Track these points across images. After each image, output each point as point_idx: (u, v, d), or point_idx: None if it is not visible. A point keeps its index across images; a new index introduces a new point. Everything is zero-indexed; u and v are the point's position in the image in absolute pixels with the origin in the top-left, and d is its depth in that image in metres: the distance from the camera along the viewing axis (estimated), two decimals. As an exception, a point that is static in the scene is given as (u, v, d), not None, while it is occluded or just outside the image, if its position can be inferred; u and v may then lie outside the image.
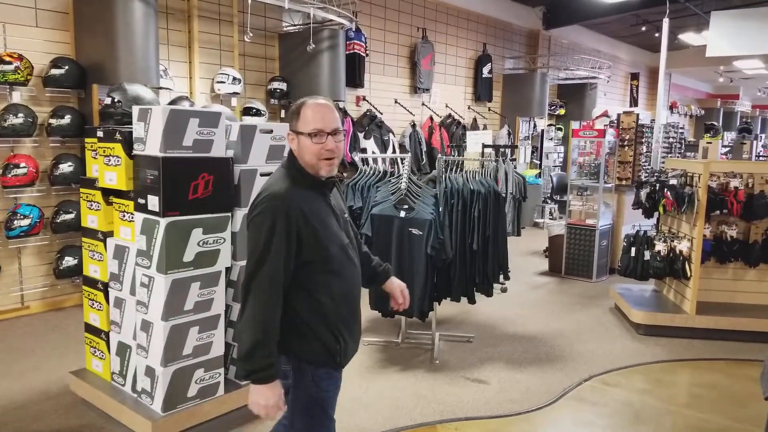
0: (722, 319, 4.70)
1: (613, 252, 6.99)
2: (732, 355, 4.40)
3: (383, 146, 7.83)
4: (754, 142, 9.30)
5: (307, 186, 1.82)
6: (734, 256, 4.94)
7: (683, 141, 8.80)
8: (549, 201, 10.16)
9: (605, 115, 7.59)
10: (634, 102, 15.44)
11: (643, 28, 12.39)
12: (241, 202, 2.90)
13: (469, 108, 9.90)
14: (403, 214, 3.91)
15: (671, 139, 8.43)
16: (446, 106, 9.32)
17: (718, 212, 4.80)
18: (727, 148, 10.59)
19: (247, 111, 6.31)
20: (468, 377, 3.84)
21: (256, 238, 1.72)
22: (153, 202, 2.61)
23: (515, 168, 6.35)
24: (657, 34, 12.48)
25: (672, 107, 16.89)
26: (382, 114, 8.00)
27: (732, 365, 4.23)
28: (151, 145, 2.61)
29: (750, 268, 4.97)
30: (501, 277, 4.24)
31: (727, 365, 4.23)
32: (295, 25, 6.84)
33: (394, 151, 7.95)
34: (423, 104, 8.93)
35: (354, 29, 7.44)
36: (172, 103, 5.50)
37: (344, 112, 7.39)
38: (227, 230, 2.81)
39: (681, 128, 8.44)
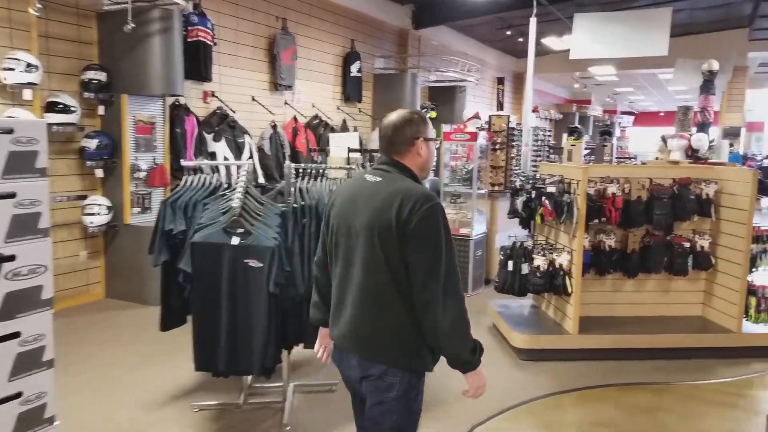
0: (604, 338, 4.33)
1: (488, 261, 6.59)
2: (618, 377, 4.02)
3: (237, 150, 6.80)
4: (614, 144, 9.57)
5: None
6: (613, 267, 4.62)
7: (548, 144, 8.74)
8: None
9: (477, 116, 7.21)
10: (500, 106, 15.69)
11: (508, 33, 12.48)
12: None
13: (338, 108, 9.13)
14: (236, 240, 3.00)
15: (539, 142, 8.29)
16: (312, 105, 8.47)
17: (596, 221, 4.45)
18: (588, 151, 10.86)
19: (52, 106, 5.00)
20: (327, 446, 3.02)
21: (437, 235, 1.77)
22: None
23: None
24: (521, 39, 12.66)
25: (534, 111, 17.48)
26: (235, 112, 6.96)
27: (620, 393, 3.82)
28: None
29: (629, 278, 4.69)
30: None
31: (616, 393, 3.82)
32: (117, 3, 5.60)
33: (251, 156, 6.98)
34: (286, 103, 8.00)
35: (197, 13, 6.35)
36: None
37: (186, 109, 6.26)
38: None
39: (549, 132, 8.34)
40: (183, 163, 3.55)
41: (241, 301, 3.00)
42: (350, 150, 5.32)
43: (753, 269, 4.33)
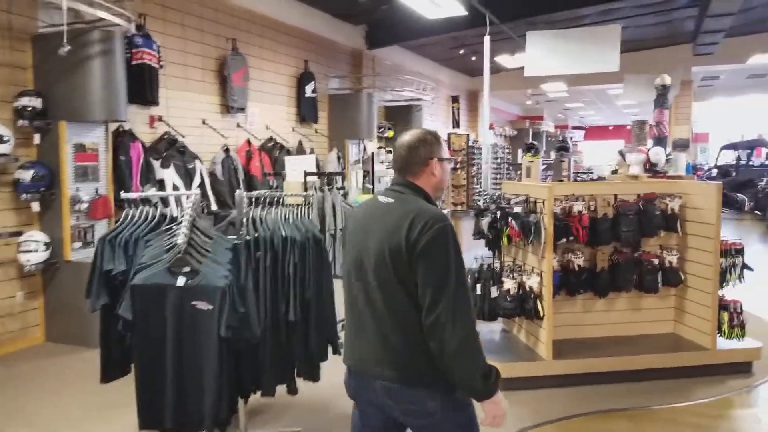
0: (579, 362, 4.18)
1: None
2: (596, 404, 3.86)
3: (188, 176, 6.46)
4: (571, 159, 9.62)
5: None
6: (583, 287, 4.50)
7: (509, 162, 8.72)
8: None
9: (436, 135, 7.10)
10: (456, 124, 15.75)
11: (461, 52, 12.55)
12: None
13: (293, 130, 8.88)
14: (181, 281, 2.69)
15: (499, 160, 8.25)
16: (267, 127, 8.19)
17: (564, 240, 4.33)
18: (545, 166, 10.92)
19: (-20, 136, 4.59)
20: (291, 506, 2.72)
21: (446, 256, 1.74)
22: None
23: (345, 197, 5.47)
24: (474, 58, 12.73)
25: (490, 128, 17.64)
26: (184, 137, 6.62)
27: (600, 421, 3.67)
28: None
29: (599, 298, 4.58)
30: (330, 350, 3.21)
31: (596, 422, 3.66)
32: (53, 25, 5.24)
33: (202, 182, 6.64)
34: (238, 125, 7.71)
35: (142, 35, 6.03)
36: None
37: (131, 135, 5.90)
38: None
39: (507, 149, 8.31)
40: (123, 195, 3.23)
41: (189, 349, 2.69)
42: (307, 173, 5.09)
43: (723, 284, 4.27)
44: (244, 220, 3.09)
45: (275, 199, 3.36)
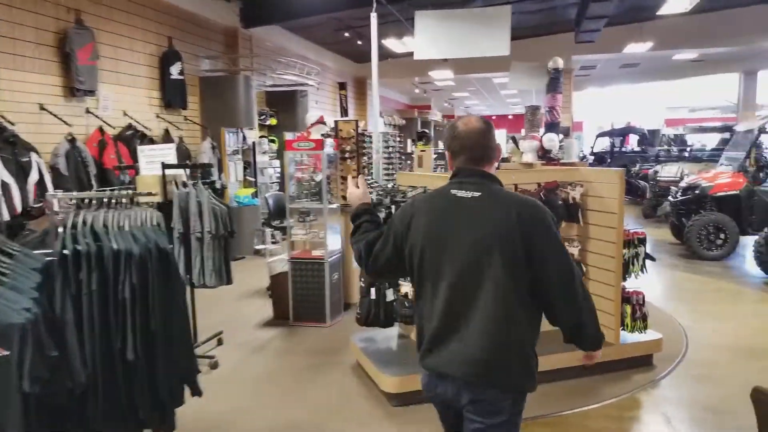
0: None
1: (346, 285, 5.89)
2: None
3: (21, 171, 5.32)
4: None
5: None
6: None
7: (401, 151, 8.31)
8: (267, 225, 8.73)
9: (321, 122, 6.48)
10: (344, 112, 15.21)
11: (346, 34, 11.99)
12: None
13: (158, 117, 7.82)
14: (-46, 321, 1.88)
15: (390, 149, 7.80)
16: (124, 113, 7.10)
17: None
18: (437, 155, 10.70)
19: None
20: None
21: (559, 239, 1.84)
22: None
23: (221, 193, 4.72)
24: (360, 42, 12.23)
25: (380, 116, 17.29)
26: (14, 125, 5.44)
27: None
28: None
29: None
30: (188, 391, 2.51)
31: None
32: None
33: (41, 178, 5.51)
34: (88, 111, 6.56)
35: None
36: None
37: (-65, 123, 4.69)
38: None
39: (399, 137, 7.88)
40: None
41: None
42: (165, 166, 4.26)
43: (626, 275, 4.08)
44: (60, 229, 2.29)
45: (109, 199, 2.57)
